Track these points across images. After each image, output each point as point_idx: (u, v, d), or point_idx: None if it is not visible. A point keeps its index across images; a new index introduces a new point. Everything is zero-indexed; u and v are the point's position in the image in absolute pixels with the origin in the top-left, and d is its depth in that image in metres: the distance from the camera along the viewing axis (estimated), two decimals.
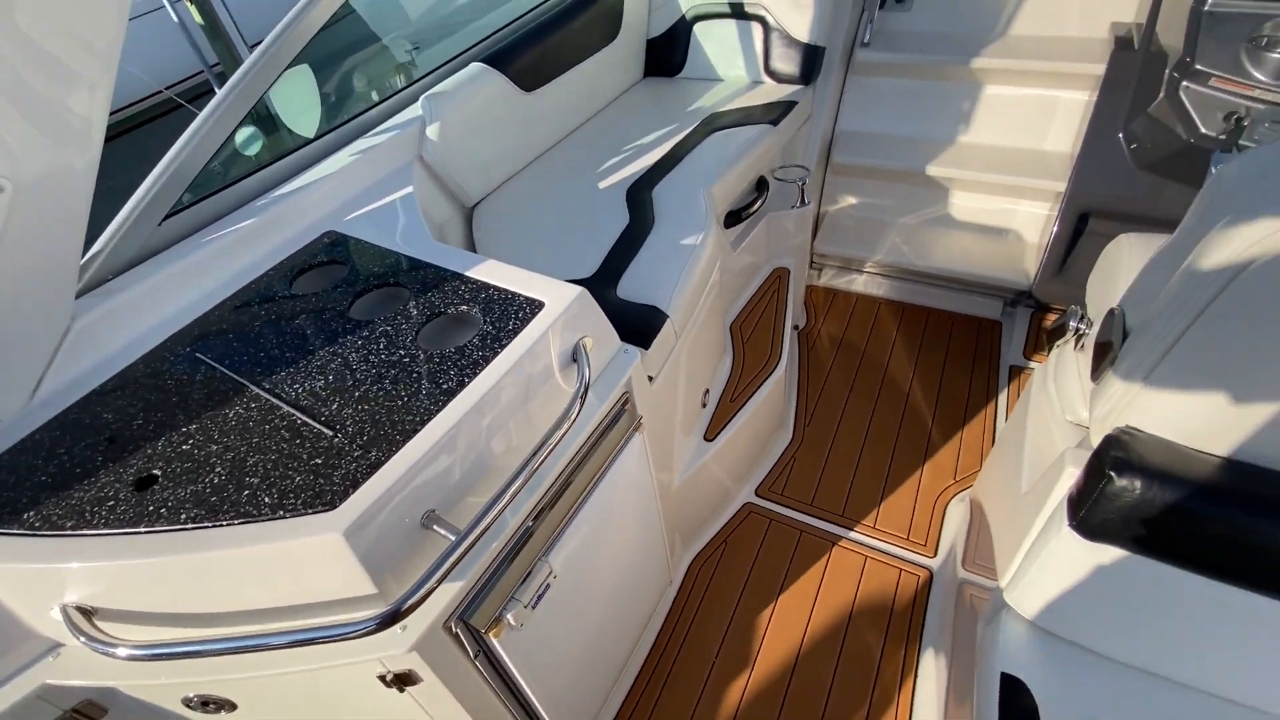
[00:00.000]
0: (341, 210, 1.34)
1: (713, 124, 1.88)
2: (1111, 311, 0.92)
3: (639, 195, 1.62)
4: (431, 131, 1.53)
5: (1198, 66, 1.47)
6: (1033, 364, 2.12)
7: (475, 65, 1.66)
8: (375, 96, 1.71)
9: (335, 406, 0.87)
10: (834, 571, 1.67)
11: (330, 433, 0.83)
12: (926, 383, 2.13)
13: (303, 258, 1.19)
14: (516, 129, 1.77)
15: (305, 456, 0.80)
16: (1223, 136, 1.46)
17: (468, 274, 1.07)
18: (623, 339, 1.15)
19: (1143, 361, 0.76)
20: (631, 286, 1.35)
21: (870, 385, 2.15)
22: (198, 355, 0.99)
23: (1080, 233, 1.89)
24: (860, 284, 2.49)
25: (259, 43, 1.17)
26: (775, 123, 1.87)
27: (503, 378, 0.87)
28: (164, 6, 3.68)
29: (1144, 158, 1.67)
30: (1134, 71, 1.68)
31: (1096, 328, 1.10)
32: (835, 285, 2.52)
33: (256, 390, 0.91)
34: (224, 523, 0.74)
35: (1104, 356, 0.88)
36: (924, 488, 1.85)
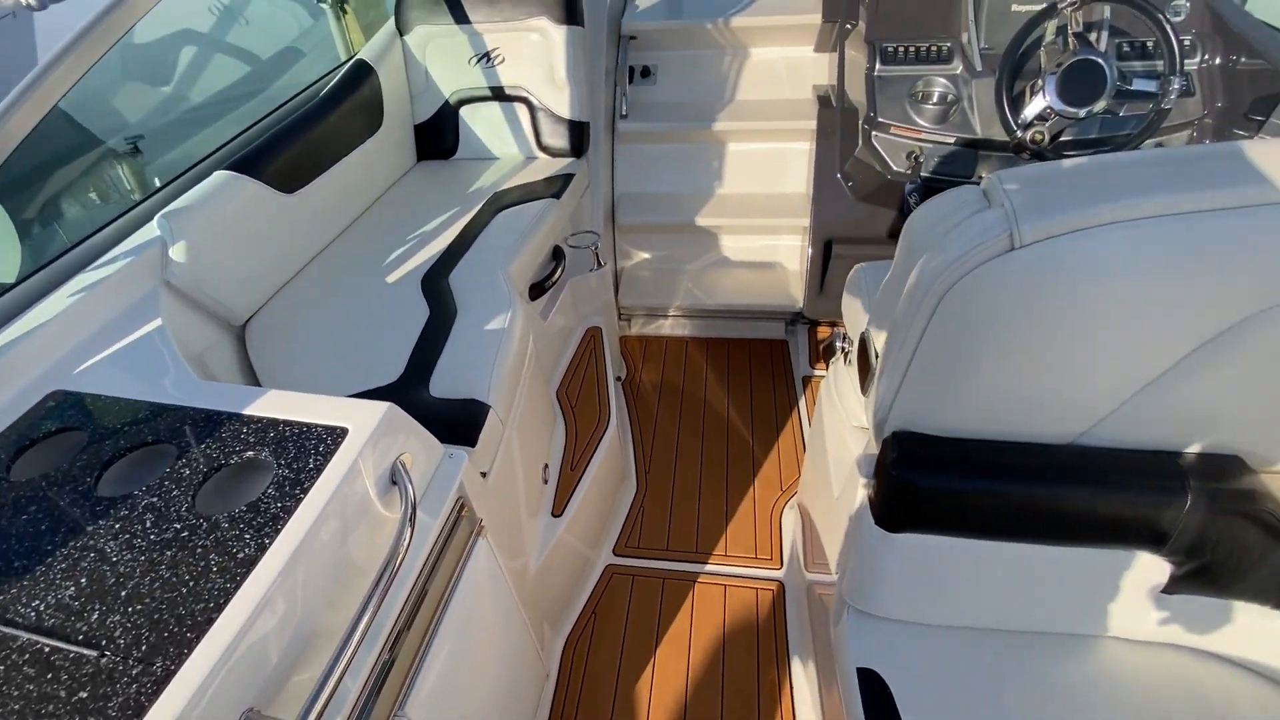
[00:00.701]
0: (69, 362, 1.12)
1: (498, 203, 1.91)
2: (863, 335, 1.10)
3: (435, 284, 1.58)
4: (176, 252, 1.35)
5: (880, 119, 1.83)
6: (818, 372, 2.42)
7: (221, 174, 1.50)
8: (95, 220, 1.47)
9: (96, 617, 0.71)
10: (700, 609, 1.73)
11: (94, 653, 0.67)
12: (740, 406, 2.32)
13: (22, 431, 0.97)
14: (282, 234, 1.64)
15: (64, 694, 0.64)
16: (908, 171, 1.83)
17: (248, 412, 0.95)
18: (446, 440, 1.10)
19: (894, 376, 0.92)
20: (445, 383, 1.30)
21: (695, 419, 2.29)
22: None
23: (829, 257, 2.22)
24: (667, 327, 2.66)
25: None
26: (558, 196, 1.95)
27: (312, 527, 0.78)
28: None
29: (859, 192, 2.03)
30: (837, 125, 2.04)
31: (856, 346, 1.30)
32: (646, 333, 2.66)
33: None
34: None
35: (865, 374, 1.04)
36: (759, 504, 2.00)
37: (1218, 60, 1.75)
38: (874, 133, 1.86)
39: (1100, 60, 1.52)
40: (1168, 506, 0.86)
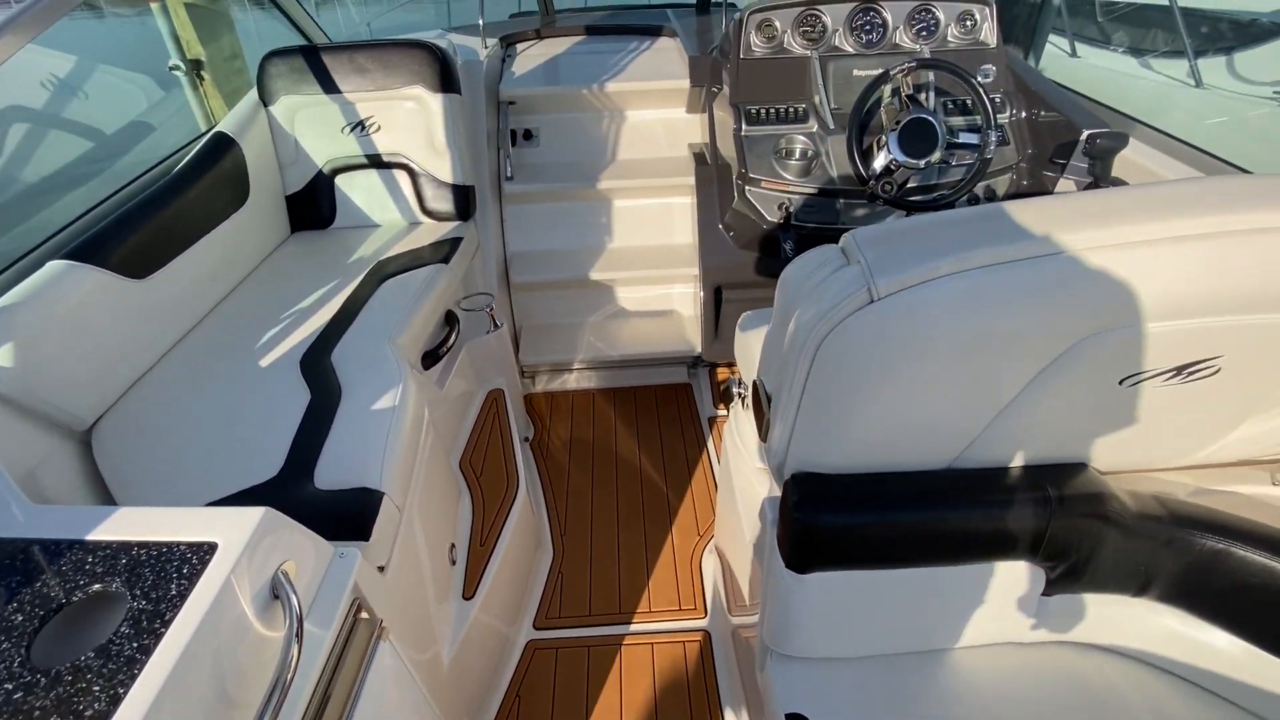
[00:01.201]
0: None
1: (382, 272, 1.84)
2: (755, 384, 1.14)
3: (316, 364, 1.49)
4: (2, 356, 1.19)
5: (751, 175, 1.96)
6: (722, 412, 2.49)
7: (56, 264, 1.35)
8: None
9: None
10: (629, 672, 1.68)
11: None
12: (651, 453, 2.34)
13: None
14: (134, 324, 1.48)
15: None
16: (781, 220, 1.96)
17: (94, 536, 0.83)
18: (336, 537, 1.01)
19: (786, 421, 0.96)
20: (332, 472, 1.21)
21: (607, 472, 2.28)
22: None
23: (720, 302, 2.32)
24: (573, 381, 2.65)
25: None
26: (446, 260, 1.91)
27: (176, 665, 0.68)
28: None
29: (740, 240, 2.15)
30: (713, 180, 2.17)
31: (750, 392, 1.36)
32: (551, 389, 2.64)
33: None
34: None
35: (761, 420, 1.08)
36: (679, 553, 2.00)
37: (1023, 114, 2.04)
38: (747, 187, 1.99)
39: (931, 118, 1.73)
40: (1036, 516, 0.94)
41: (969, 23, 2.05)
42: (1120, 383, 0.88)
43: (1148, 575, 0.98)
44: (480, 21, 2.51)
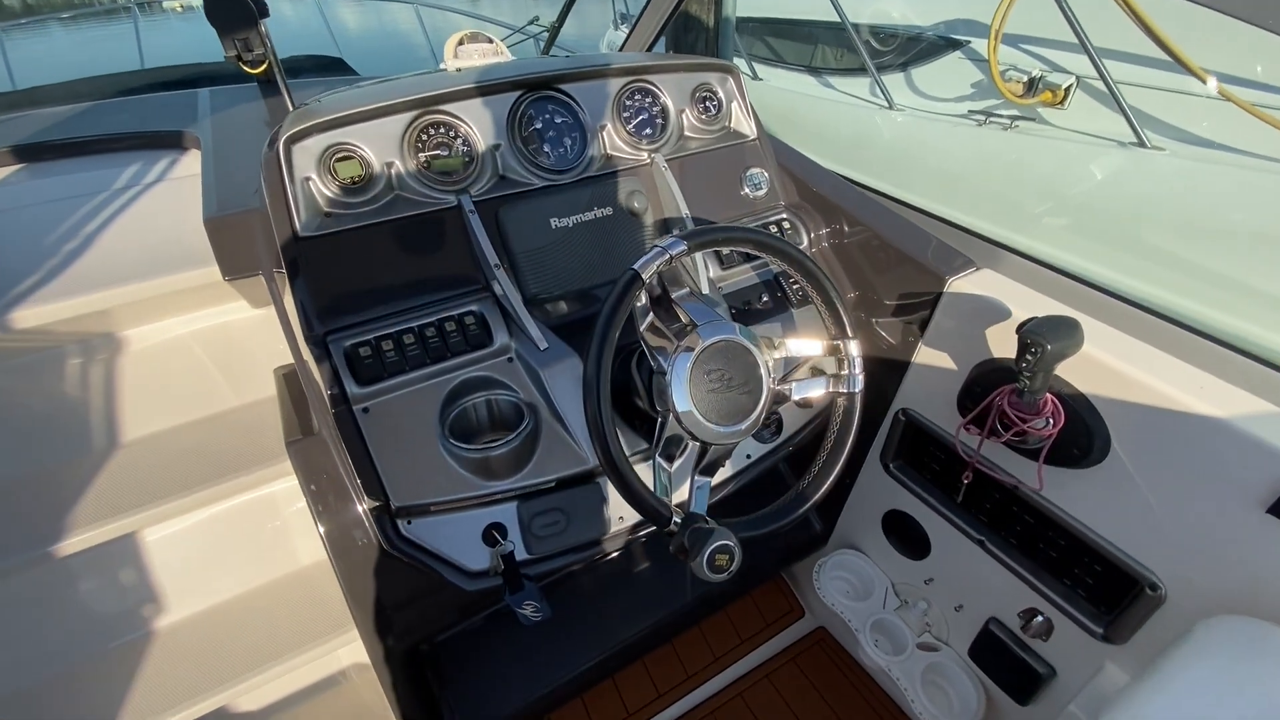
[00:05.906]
0: None
1: None
2: None
3: None
4: None
5: (400, 505, 0.86)
6: None
7: None
8: None
9: None
10: None
11: None
12: None
13: None
14: None
15: None
16: (498, 569, 0.91)
17: None
18: None
19: None
20: None
21: None
22: None
23: (418, 660, 1.20)
24: None
25: None
26: None
27: None
28: None
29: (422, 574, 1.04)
30: (334, 460, 1.01)
31: None
32: None
33: None
34: None
35: None
36: None
37: (825, 233, 1.28)
38: (403, 522, 0.89)
39: (741, 339, 0.82)
40: None
41: (709, 103, 1.21)
42: None
43: None
44: None
